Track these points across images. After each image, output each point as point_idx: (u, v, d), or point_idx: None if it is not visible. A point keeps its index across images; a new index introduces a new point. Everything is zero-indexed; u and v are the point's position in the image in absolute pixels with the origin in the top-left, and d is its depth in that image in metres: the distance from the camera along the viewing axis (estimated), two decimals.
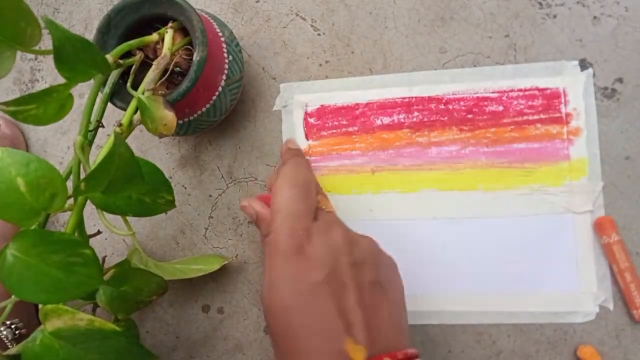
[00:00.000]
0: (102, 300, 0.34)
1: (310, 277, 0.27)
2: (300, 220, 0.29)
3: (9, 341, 0.36)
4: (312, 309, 0.26)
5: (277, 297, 0.27)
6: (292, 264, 0.27)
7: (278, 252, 0.28)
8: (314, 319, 0.26)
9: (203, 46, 0.33)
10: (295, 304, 0.27)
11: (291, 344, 0.27)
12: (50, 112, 0.29)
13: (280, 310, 0.27)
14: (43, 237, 0.26)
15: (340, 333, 0.26)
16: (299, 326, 0.26)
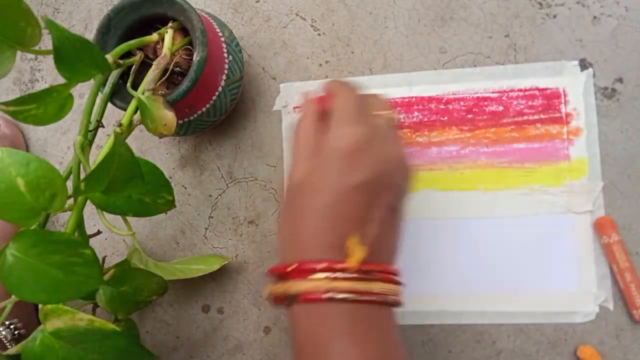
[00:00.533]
0: (102, 300, 0.34)
1: (355, 176, 0.27)
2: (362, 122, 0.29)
3: (8, 341, 0.36)
4: (339, 199, 0.27)
5: (315, 178, 0.28)
6: (345, 157, 0.28)
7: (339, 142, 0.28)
8: (335, 208, 0.27)
9: (203, 46, 0.33)
10: (328, 189, 0.27)
11: (301, 222, 0.28)
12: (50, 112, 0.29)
13: (310, 186, 0.28)
14: (43, 237, 0.26)
15: (350, 230, 0.27)
16: (319, 206, 0.27)
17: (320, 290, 0.26)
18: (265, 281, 0.41)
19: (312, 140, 0.30)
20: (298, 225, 0.28)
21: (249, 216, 0.42)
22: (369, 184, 0.27)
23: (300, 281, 0.27)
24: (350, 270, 0.26)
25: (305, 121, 0.32)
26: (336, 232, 0.27)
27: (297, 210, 0.29)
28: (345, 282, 0.26)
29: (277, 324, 0.41)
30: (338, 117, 0.30)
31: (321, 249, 0.27)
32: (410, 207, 0.39)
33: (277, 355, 0.40)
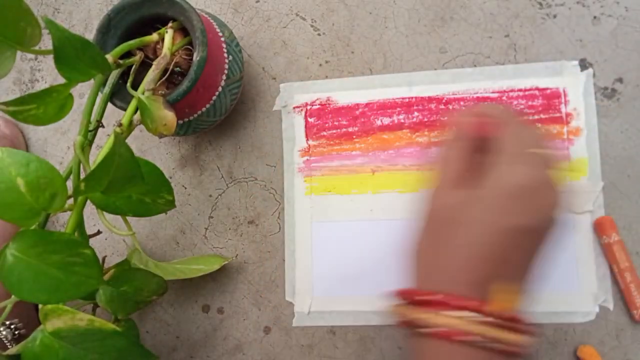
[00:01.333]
0: (102, 300, 0.34)
1: (520, 219, 0.26)
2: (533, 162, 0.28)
3: (8, 341, 0.36)
4: (498, 240, 0.26)
5: (471, 210, 0.27)
6: (513, 197, 0.26)
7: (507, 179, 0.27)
8: (491, 247, 0.26)
9: (203, 46, 0.33)
10: (487, 226, 0.26)
11: (448, 253, 0.27)
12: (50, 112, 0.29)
13: (463, 217, 0.27)
14: (43, 237, 0.26)
15: (503, 273, 0.26)
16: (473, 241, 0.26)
17: (458, 331, 0.25)
18: (265, 281, 0.41)
19: (465, 166, 0.29)
20: (444, 254, 0.27)
21: (249, 216, 0.42)
22: (531, 230, 0.26)
23: (436, 315, 0.26)
24: (495, 315, 0.25)
25: (459, 145, 0.30)
26: (487, 272, 0.26)
27: (444, 238, 0.28)
28: (489, 327, 0.25)
29: (277, 324, 0.41)
30: (508, 151, 0.28)
31: (468, 286, 0.26)
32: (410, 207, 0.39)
33: (277, 355, 0.40)
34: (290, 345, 0.40)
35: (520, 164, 0.27)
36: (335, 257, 0.40)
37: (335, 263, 0.40)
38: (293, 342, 0.40)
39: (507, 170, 0.27)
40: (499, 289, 0.26)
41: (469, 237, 0.27)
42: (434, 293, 0.26)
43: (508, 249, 0.26)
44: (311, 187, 0.41)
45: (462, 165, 0.29)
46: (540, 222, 0.27)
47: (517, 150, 0.28)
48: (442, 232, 0.28)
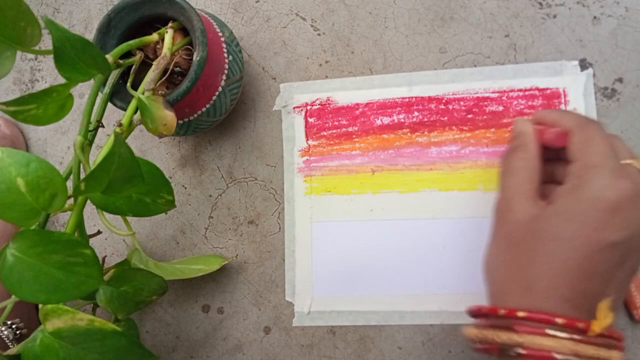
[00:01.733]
0: (102, 300, 0.34)
1: (613, 234, 0.25)
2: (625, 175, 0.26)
3: (10, 341, 0.36)
4: (590, 255, 0.25)
5: (558, 223, 0.26)
6: (606, 212, 0.25)
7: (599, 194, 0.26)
8: (584, 263, 0.25)
9: (203, 46, 0.33)
10: (578, 241, 0.25)
11: (533, 268, 0.26)
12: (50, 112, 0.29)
13: (549, 231, 0.26)
14: (43, 237, 0.26)
15: (596, 290, 0.25)
16: (563, 257, 0.25)
17: (563, 351, 0.24)
18: (265, 281, 0.41)
19: (540, 175, 0.28)
20: (528, 270, 0.26)
21: (249, 216, 0.42)
22: (625, 244, 0.25)
23: (534, 335, 0.24)
24: (593, 333, 0.24)
25: (528, 151, 0.29)
26: (579, 289, 0.25)
27: (526, 253, 0.26)
28: (589, 346, 0.24)
29: (277, 324, 0.41)
30: (592, 164, 0.26)
31: (558, 303, 0.25)
32: (411, 207, 0.39)
33: (277, 355, 0.40)
34: (290, 345, 0.40)
35: (619, 177, 0.26)
36: (335, 257, 0.40)
37: (335, 263, 0.40)
38: (293, 342, 0.40)
39: (604, 184, 0.26)
40: (603, 307, 0.25)
41: (560, 253, 0.25)
42: (518, 309, 0.25)
43: (606, 265, 0.25)
44: (311, 187, 0.41)
45: (535, 175, 0.28)
46: (634, 235, 0.26)
47: (610, 163, 0.26)
48: (524, 247, 0.27)
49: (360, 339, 0.39)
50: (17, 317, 0.38)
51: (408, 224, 0.39)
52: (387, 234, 0.39)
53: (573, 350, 0.24)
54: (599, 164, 0.27)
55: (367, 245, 0.39)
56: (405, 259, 0.39)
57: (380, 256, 0.39)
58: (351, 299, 0.39)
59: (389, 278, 0.39)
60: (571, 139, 0.28)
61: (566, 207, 0.26)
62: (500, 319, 0.26)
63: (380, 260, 0.39)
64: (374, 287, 0.39)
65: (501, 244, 0.28)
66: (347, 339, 0.39)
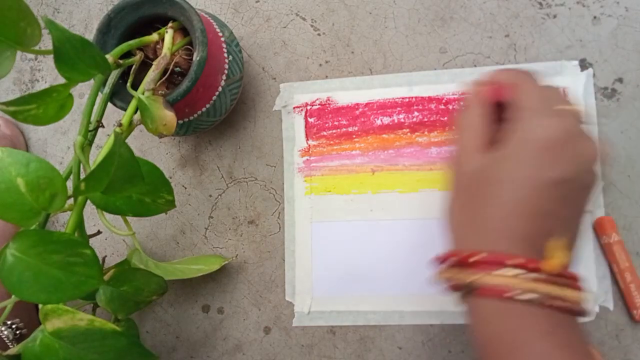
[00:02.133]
0: (102, 300, 0.34)
1: (555, 170, 0.26)
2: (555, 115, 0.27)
3: (9, 341, 0.36)
4: (536, 194, 0.26)
5: (501, 168, 0.27)
6: (543, 150, 0.26)
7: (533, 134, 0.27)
8: (531, 202, 0.26)
9: (203, 46, 0.33)
10: (521, 181, 0.26)
11: (486, 212, 0.27)
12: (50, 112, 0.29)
13: (495, 176, 0.27)
14: (43, 237, 0.26)
15: (548, 228, 0.26)
16: (510, 198, 0.26)
17: (516, 289, 0.25)
18: (265, 281, 0.41)
19: (487, 130, 0.29)
20: (481, 214, 0.27)
21: (249, 216, 0.42)
22: (569, 181, 0.26)
23: (489, 274, 0.25)
24: (546, 272, 0.25)
25: (475, 109, 0.30)
26: (531, 227, 0.26)
27: (478, 199, 0.27)
28: (542, 284, 0.25)
29: (277, 324, 0.41)
30: (527, 108, 0.28)
31: (513, 243, 0.26)
32: (411, 207, 0.39)
33: (277, 355, 0.40)
34: (290, 345, 0.40)
35: (550, 117, 0.27)
36: (335, 257, 0.40)
37: (335, 263, 0.40)
38: (293, 342, 0.40)
39: (537, 124, 0.27)
40: (552, 246, 0.26)
41: (507, 194, 0.26)
42: (477, 252, 0.26)
43: (551, 203, 0.26)
44: (311, 187, 0.41)
45: (485, 129, 0.29)
46: (580, 172, 0.26)
47: (534, 105, 0.28)
48: (476, 193, 0.28)
49: (360, 339, 0.39)
50: (17, 317, 0.38)
51: (408, 224, 0.39)
52: (387, 234, 0.39)
53: (525, 288, 0.25)
54: (530, 107, 0.28)
55: (367, 245, 0.39)
56: (405, 259, 0.39)
57: (380, 256, 0.39)
58: (351, 299, 0.39)
59: (389, 278, 0.39)
60: (517, 91, 0.29)
61: (509, 152, 0.27)
62: (460, 262, 0.27)
63: (380, 260, 0.39)
64: (374, 287, 0.39)
65: (457, 194, 0.30)
66: (347, 339, 0.39)
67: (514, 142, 0.27)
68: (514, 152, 0.27)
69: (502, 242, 0.26)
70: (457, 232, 0.29)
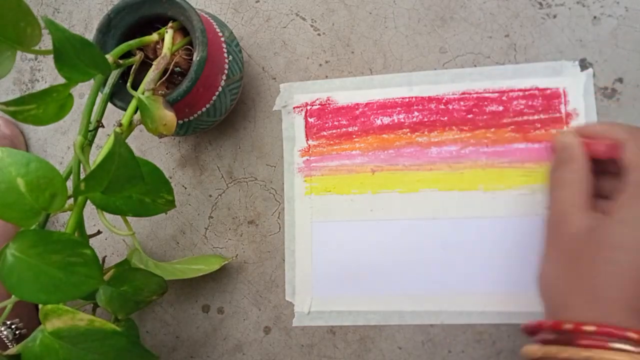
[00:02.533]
0: (102, 300, 0.34)
1: None
2: None
3: (9, 341, 0.36)
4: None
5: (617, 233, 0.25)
6: None
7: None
8: None
9: (203, 46, 0.33)
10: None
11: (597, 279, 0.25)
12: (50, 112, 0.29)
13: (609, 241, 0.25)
14: (43, 237, 0.26)
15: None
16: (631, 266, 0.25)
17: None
18: (265, 281, 0.41)
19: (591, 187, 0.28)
20: (591, 281, 0.25)
21: (249, 216, 0.42)
22: None
23: (606, 349, 0.23)
24: None
25: (577, 163, 0.29)
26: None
27: (586, 264, 0.26)
28: None
29: (277, 324, 0.41)
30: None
31: (627, 315, 0.24)
32: (411, 207, 0.39)
33: (277, 355, 0.40)
34: (290, 345, 0.40)
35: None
36: (335, 257, 0.40)
37: (335, 263, 0.40)
38: (293, 342, 0.40)
39: None
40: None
41: (624, 262, 0.25)
42: (588, 324, 0.24)
43: None
44: (311, 187, 0.41)
45: (587, 187, 0.28)
46: None
47: None
48: (582, 258, 0.26)
49: (360, 339, 0.39)
50: (17, 317, 0.38)
51: (408, 224, 0.39)
52: (387, 234, 0.39)
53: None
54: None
55: (367, 245, 0.39)
56: (405, 259, 0.39)
57: (380, 256, 0.39)
58: (351, 299, 0.39)
59: (389, 278, 0.39)
60: (624, 149, 0.28)
61: (630, 215, 0.25)
62: (564, 334, 0.25)
63: (380, 260, 0.39)
64: (374, 287, 0.39)
65: (558, 257, 0.28)
66: (347, 339, 0.39)
67: (633, 206, 0.25)
68: (633, 217, 0.25)
69: (616, 313, 0.24)
70: (557, 300, 0.27)
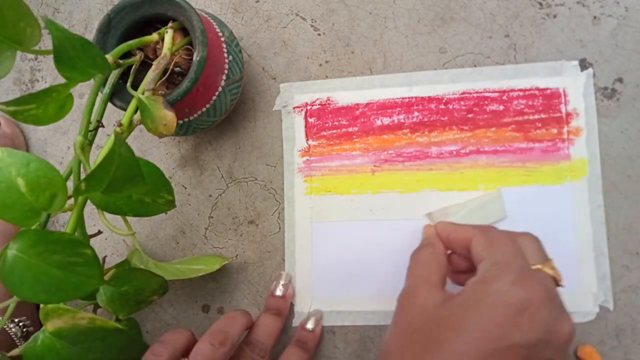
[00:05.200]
0: (103, 300, 0.34)
1: (517, 335, 0.25)
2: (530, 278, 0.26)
3: (17, 338, 0.36)
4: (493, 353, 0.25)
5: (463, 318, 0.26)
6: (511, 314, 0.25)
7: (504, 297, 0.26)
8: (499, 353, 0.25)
9: (203, 46, 0.33)
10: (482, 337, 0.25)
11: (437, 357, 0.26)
12: (50, 112, 0.29)
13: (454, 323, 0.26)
14: (43, 237, 0.26)
15: None
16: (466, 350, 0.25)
17: None
18: (265, 281, 0.41)
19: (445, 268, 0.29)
20: (432, 356, 0.26)
21: (249, 216, 0.42)
22: (528, 348, 0.25)
23: None
24: None
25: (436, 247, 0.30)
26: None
27: (425, 339, 0.26)
28: None
29: None
30: (500, 264, 0.27)
31: None
32: (411, 207, 0.39)
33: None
34: None
35: (527, 277, 0.26)
36: (336, 257, 0.40)
37: (335, 263, 0.40)
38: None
39: (512, 279, 0.26)
40: None
41: (460, 344, 0.25)
42: None
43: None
44: (311, 187, 0.41)
45: (442, 268, 0.29)
46: (538, 341, 0.25)
47: (506, 264, 0.27)
48: (423, 334, 0.26)
49: (360, 339, 0.39)
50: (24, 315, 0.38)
51: (408, 224, 0.39)
52: (387, 234, 0.39)
53: None
54: (508, 262, 0.27)
55: (367, 246, 0.39)
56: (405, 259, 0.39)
57: (380, 256, 0.39)
58: (351, 299, 0.39)
59: (389, 278, 0.39)
60: (473, 243, 0.29)
61: (472, 298, 0.26)
62: None
63: (381, 260, 0.39)
64: (374, 287, 0.39)
65: (401, 328, 0.28)
66: (347, 339, 0.39)
67: (483, 290, 0.26)
68: (481, 302, 0.26)
69: None
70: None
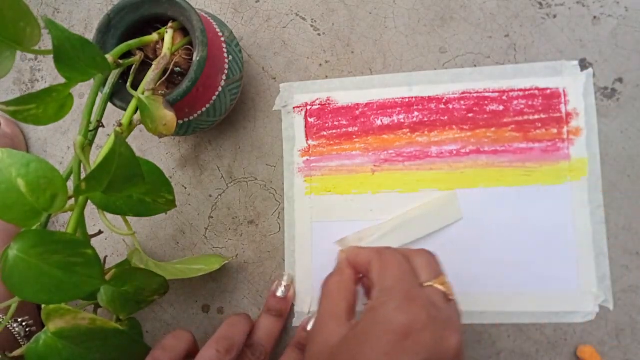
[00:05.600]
0: (104, 300, 0.34)
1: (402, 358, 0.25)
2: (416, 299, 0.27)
3: (21, 338, 0.36)
4: None
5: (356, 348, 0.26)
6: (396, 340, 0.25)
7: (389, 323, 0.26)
8: None
9: (203, 46, 0.33)
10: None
11: None
12: (50, 112, 0.29)
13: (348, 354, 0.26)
14: (44, 238, 0.26)
15: None
16: None
17: None
18: (265, 281, 0.41)
19: (352, 299, 0.29)
20: None
21: (249, 216, 0.42)
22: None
23: None
24: None
25: (343, 275, 0.31)
26: None
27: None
28: None
29: None
30: (386, 290, 0.27)
31: None
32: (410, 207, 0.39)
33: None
34: None
35: (409, 301, 0.26)
36: (335, 257, 0.40)
37: (335, 263, 0.40)
38: None
39: (394, 306, 0.26)
40: None
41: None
42: None
43: None
44: (311, 187, 0.41)
45: (349, 296, 0.29)
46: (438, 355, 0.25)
47: (392, 287, 0.27)
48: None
49: None
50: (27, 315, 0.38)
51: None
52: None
53: None
54: (393, 287, 0.27)
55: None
56: None
57: None
58: None
59: None
60: (370, 268, 0.30)
61: (365, 327, 0.27)
62: None
63: None
64: None
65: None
66: None
67: (370, 321, 0.27)
68: (368, 332, 0.26)
69: None
70: None
